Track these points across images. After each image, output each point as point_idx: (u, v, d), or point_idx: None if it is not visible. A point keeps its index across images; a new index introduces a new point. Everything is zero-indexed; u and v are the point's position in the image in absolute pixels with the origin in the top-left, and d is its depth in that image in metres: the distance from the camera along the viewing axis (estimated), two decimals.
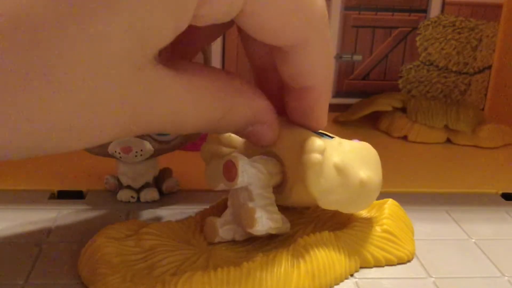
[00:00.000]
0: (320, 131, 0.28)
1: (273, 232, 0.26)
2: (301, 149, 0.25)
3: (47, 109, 0.17)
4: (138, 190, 0.33)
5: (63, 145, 0.19)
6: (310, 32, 0.23)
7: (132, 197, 0.33)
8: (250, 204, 0.25)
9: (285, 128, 0.27)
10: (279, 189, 0.28)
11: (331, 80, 0.26)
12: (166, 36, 0.19)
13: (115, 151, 0.31)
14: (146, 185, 0.34)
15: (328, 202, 0.26)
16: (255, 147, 0.27)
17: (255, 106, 0.25)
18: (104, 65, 0.17)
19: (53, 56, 0.17)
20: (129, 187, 0.33)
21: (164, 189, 0.34)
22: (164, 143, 0.32)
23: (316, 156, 0.24)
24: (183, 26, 0.19)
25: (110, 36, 0.17)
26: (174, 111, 0.21)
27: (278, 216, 0.26)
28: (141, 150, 0.31)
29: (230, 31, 0.51)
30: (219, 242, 0.27)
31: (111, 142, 0.31)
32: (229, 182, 0.26)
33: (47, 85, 0.17)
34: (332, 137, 0.27)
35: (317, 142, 0.25)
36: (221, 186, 0.26)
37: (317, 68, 0.24)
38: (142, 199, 0.33)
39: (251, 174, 0.26)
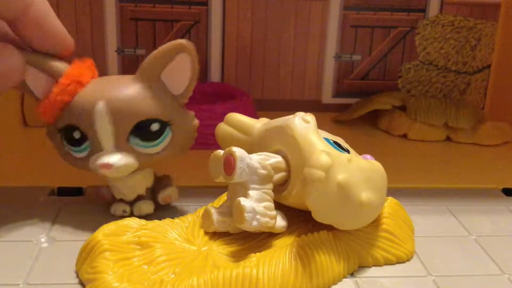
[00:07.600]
0: (335, 141, 0.28)
1: (266, 230, 0.26)
2: (307, 159, 0.25)
3: None
4: (132, 203, 0.31)
5: None
6: None
7: (124, 211, 0.31)
8: (242, 201, 0.25)
9: (302, 132, 0.27)
10: (281, 188, 0.28)
11: None
12: None
13: (94, 169, 0.28)
14: (139, 198, 0.31)
15: (324, 217, 0.26)
16: (269, 141, 0.27)
17: None
18: None
19: None
20: (121, 200, 0.31)
21: (160, 200, 0.31)
22: (150, 156, 0.29)
23: (319, 173, 0.24)
24: None
25: None
26: None
27: (272, 214, 0.26)
28: (124, 165, 0.28)
29: (230, 34, 0.51)
30: (217, 240, 0.27)
31: (91, 157, 0.28)
32: (227, 176, 0.26)
33: None
34: (346, 150, 0.27)
35: (323, 159, 0.25)
36: (221, 178, 0.27)
37: None
38: (135, 213, 0.31)
39: (249, 171, 0.26)
